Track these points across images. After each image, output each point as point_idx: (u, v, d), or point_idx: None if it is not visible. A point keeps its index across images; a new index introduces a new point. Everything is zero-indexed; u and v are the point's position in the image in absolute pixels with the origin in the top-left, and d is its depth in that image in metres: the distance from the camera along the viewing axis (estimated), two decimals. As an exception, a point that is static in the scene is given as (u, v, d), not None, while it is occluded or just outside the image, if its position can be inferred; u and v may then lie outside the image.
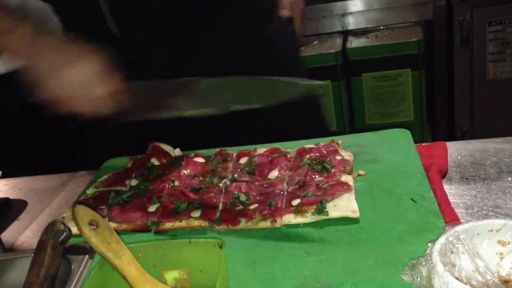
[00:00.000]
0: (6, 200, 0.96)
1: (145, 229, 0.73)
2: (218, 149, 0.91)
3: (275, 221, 0.70)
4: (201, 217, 0.72)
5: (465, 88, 2.01)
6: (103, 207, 0.78)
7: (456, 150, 0.89)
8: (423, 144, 0.91)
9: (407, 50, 1.91)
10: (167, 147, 0.93)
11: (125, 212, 0.76)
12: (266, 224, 0.69)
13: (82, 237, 0.58)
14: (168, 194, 0.79)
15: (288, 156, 0.86)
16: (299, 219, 0.69)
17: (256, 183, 0.80)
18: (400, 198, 0.71)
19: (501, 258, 0.56)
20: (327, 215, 0.68)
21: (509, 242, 0.55)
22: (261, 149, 0.89)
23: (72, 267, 0.58)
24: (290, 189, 0.76)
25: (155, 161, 0.88)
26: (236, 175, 0.82)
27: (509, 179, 0.78)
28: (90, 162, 1.01)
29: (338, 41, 1.99)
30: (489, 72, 1.96)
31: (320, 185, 0.75)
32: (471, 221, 0.59)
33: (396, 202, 0.70)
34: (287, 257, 0.63)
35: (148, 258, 0.59)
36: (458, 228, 0.55)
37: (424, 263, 0.52)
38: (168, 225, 0.72)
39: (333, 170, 0.78)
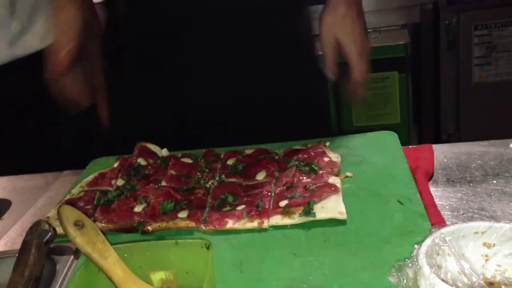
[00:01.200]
0: (-11, 200, 0.94)
1: (131, 230, 0.72)
2: (205, 150, 0.91)
3: (262, 222, 0.70)
4: (188, 217, 0.72)
5: (451, 91, 2.03)
6: (88, 207, 0.77)
7: (442, 153, 0.89)
8: (410, 146, 0.92)
9: (394, 53, 1.92)
10: (154, 147, 0.93)
11: (111, 212, 0.75)
12: (253, 225, 0.69)
13: (67, 237, 0.58)
14: (155, 195, 0.78)
15: (276, 157, 0.86)
16: (287, 220, 0.69)
17: (244, 184, 0.80)
18: (387, 200, 0.71)
19: (486, 260, 0.56)
20: (314, 216, 0.69)
21: (494, 244, 0.56)
22: (249, 150, 0.89)
23: (57, 267, 0.57)
24: (277, 191, 0.76)
25: (142, 161, 0.88)
26: (223, 176, 0.82)
27: (494, 181, 0.79)
28: (76, 162, 1.00)
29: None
30: (475, 75, 1.98)
31: (308, 186, 0.75)
32: (456, 223, 0.59)
33: (383, 204, 0.71)
34: (274, 258, 0.63)
35: (134, 259, 0.59)
36: (444, 230, 0.56)
37: (410, 265, 0.53)
38: (155, 225, 0.72)
39: (320, 172, 0.79)
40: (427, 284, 0.50)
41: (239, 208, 0.72)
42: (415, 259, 0.52)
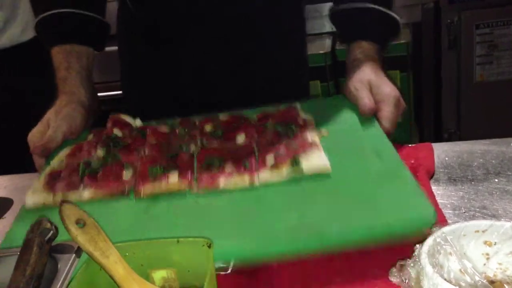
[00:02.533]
0: (-10, 198, 0.94)
1: (122, 195, 0.74)
2: (180, 118, 0.91)
3: (253, 179, 0.71)
4: (179, 180, 0.73)
5: (453, 90, 2.02)
6: (74, 178, 0.77)
7: (444, 152, 0.89)
8: (409, 145, 0.92)
9: (395, 52, 1.91)
10: (127, 118, 0.93)
11: (100, 180, 0.76)
12: (245, 183, 0.71)
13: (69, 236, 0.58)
14: (140, 162, 0.79)
15: (252, 122, 0.88)
16: (275, 177, 0.71)
17: (226, 147, 0.81)
18: (364, 153, 0.74)
19: (487, 258, 0.56)
20: (302, 171, 0.71)
21: (495, 243, 0.56)
22: (224, 117, 0.90)
23: (59, 266, 0.57)
24: (261, 151, 0.78)
25: (117, 132, 0.88)
26: (205, 141, 0.83)
27: (496, 180, 0.79)
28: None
29: (327, 42, 1.99)
30: (476, 74, 1.98)
31: (289, 145, 0.77)
32: (458, 222, 0.59)
33: (362, 157, 0.74)
34: (272, 211, 0.66)
35: (136, 258, 0.59)
36: (445, 229, 0.56)
37: (412, 264, 0.53)
38: (146, 190, 0.73)
39: (298, 131, 0.81)
40: (430, 284, 0.50)
41: (228, 168, 0.74)
42: (417, 259, 0.52)
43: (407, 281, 0.53)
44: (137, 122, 0.92)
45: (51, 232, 0.58)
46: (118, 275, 0.55)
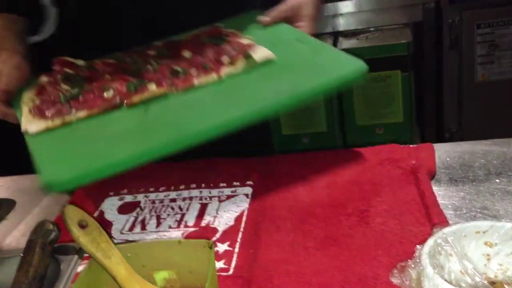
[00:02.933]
0: (-7, 199, 0.95)
1: (115, 106, 0.78)
2: (121, 52, 0.94)
3: (219, 74, 0.81)
4: (158, 85, 0.80)
5: (454, 90, 2.02)
6: (58, 105, 0.79)
7: (445, 152, 0.89)
8: (410, 145, 0.92)
9: (396, 52, 1.92)
10: (71, 60, 0.94)
11: (87, 102, 0.80)
12: (214, 77, 0.80)
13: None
14: (113, 82, 0.82)
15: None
16: (234, 70, 0.81)
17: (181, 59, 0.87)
18: (291, 43, 0.86)
19: (488, 259, 0.57)
20: (255, 61, 0.81)
21: (496, 243, 0.56)
22: (160, 43, 0.95)
23: (61, 267, 0.57)
24: (211, 56, 0.85)
25: (69, 71, 0.90)
26: (158, 61, 0.87)
27: (497, 181, 0.79)
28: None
29: (329, 42, 2.00)
30: (478, 74, 1.98)
31: (232, 47, 0.85)
32: (459, 222, 0.59)
33: (291, 46, 0.85)
34: (249, 91, 0.77)
35: (138, 259, 0.59)
36: (446, 230, 0.56)
37: (413, 265, 0.53)
38: (135, 99, 0.78)
39: (231, 39, 0.89)
40: (431, 285, 0.50)
41: (193, 72, 0.81)
42: (417, 260, 0.52)
43: (407, 282, 0.54)
44: (80, 62, 0.94)
45: (54, 233, 0.58)
46: (120, 275, 0.56)
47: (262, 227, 0.78)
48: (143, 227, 0.81)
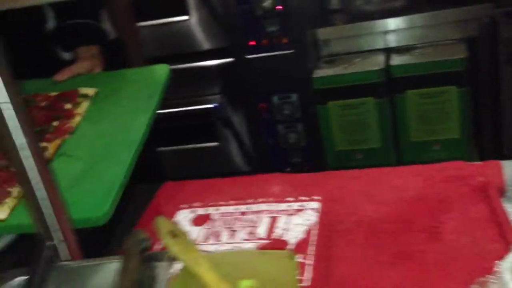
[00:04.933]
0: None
1: None
2: None
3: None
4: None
5: (512, 106, 1.99)
6: None
7: (513, 169, 0.89)
8: (476, 163, 0.92)
9: (451, 67, 1.90)
10: None
11: None
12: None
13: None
14: None
15: None
16: None
17: None
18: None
19: None
20: None
21: None
22: None
23: (156, 273, 0.62)
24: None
25: None
26: None
27: None
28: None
29: (381, 58, 2.00)
30: (536, 90, 1.93)
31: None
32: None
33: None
34: None
35: (223, 267, 0.63)
36: (525, 246, 0.57)
37: (494, 281, 0.54)
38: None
39: None
40: (512, 299, 0.51)
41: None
42: (499, 276, 0.54)
43: (488, 296, 0.55)
44: None
45: (146, 242, 0.63)
46: (211, 282, 0.60)
47: (333, 241, 0.80)
48: (216, 239, 0.86)
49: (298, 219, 0.88)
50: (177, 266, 0.62)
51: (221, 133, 2.11)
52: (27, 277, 0.63)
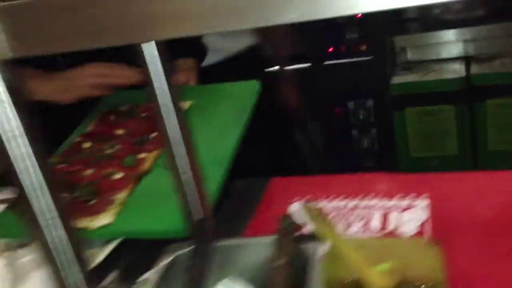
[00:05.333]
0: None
1: None
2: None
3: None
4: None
5: None
6: None
7: None
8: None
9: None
10: None
11: None
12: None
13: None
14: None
15: None
16: None
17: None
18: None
19: None
20: None
21: None
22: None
23: (309, 253, 0.69)
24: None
25: None
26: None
27: None
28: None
29: (461, 66, 2.02)
30: None
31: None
32: None
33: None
34: None
35: (364, 250, 0.69)
36: None
37: None
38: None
39: None
40: None
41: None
42: None
43: None
44: None
45: (294, 224, 0.71)
46: (355, 261, 0.66)
47: (446, 237, 0.85)
48: (332, 229, 0.92)
49: (409, 215, 0.93)
50: (323, 248, 0.69)
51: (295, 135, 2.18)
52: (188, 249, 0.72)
